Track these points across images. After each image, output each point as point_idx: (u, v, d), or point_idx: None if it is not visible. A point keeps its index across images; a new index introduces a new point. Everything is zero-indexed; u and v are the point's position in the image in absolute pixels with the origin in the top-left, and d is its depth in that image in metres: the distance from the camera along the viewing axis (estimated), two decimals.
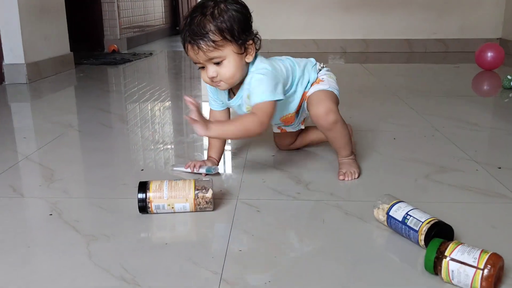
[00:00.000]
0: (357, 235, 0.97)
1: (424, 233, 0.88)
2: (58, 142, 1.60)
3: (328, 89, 1.28)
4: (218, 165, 1.33)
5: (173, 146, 1.60)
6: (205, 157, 1.36)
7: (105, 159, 1.46)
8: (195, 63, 1.16)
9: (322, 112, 1.22)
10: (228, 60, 1.13)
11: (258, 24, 3.94)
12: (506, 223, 1.01)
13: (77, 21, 3.64)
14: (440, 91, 2.43)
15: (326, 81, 1.31)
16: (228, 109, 1.34)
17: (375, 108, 2.07)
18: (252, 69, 1.19)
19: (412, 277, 0.82)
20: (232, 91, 1.26)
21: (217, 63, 1.13)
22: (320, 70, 1.34)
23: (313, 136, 1.46)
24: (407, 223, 0.91)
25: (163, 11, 5.70)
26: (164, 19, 5.74)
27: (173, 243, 0.94)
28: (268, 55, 1.28)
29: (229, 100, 1.27)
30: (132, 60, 3.60)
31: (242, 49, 1.14)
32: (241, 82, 1.20)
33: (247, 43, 1.15)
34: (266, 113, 1.14)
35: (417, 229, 0.89)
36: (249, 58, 1.17)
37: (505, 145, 1.55)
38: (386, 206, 0.97)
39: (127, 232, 0.99)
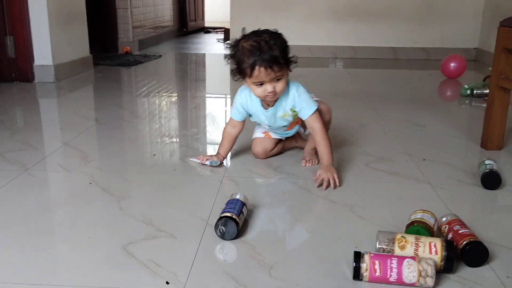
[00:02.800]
0: (303, 200, 1.41)
1: None
2: (88, 133, 2.04)
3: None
4: (224, 159, 1.67)
5: (178, 139, 2.04)
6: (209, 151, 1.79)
7: (125, 146, 1.90)
8: (256, 82, 1.47)
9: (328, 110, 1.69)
10: (284, 77, 1.48)
11: None
12: (410, 196, 1.44)
13: (95, 26, 4.07)
14: (406, 97, 2.85)
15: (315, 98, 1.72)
16: (245, 119, 1.67)
17: (346, 110, 2.49)
18: (290, 86, 1.55)
19: (337, 224, 1.26)
20: (264, 103, 1.60)
21: (277, 80, 1.47)
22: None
23: (288, 144, 1.80)
24: None
25: (171, 14, 6.13)
26: (172, 21, 6.18)
27: (177, 201, 1.38)
28: None
29: (265, 109, 1.60)
30: (143, 62, 4.04)
31: (289, 69, 1.50)
32: None
33: (290, 64, 1.50)
34: (319, 118, 1.57)
35: None
36: (288, 74, 1.52)
37: (437, 143, 1.97)
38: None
39: (146, 194, 1.43)
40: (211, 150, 1.87)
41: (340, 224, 1.28)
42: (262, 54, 1.42)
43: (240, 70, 1.50)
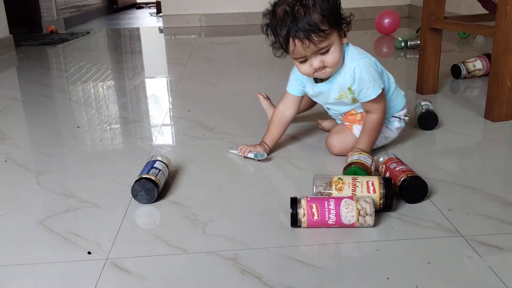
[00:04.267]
0: (239, 157, 1.33)
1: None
2: (5, 112, 1.87)
3: None
4: (269, 150, 1.32)
5: (105, 109, 1.90)
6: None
7: (46, 121, 1.75)
8: (296, 57, 1.15)
9: None
10: (334, 47, 1.13)
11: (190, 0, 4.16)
12: None
13: (14, 5, 3.78)
14: None
15: None
16: (303, 95, 1.34)
17: (282, 71, 2.41)
18: (349, 56, 1.19)
19: (275, 176, 1.19)
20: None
21: (324, 52, 1.13)
22: None
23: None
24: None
25: None
26: None
27: (102, 171, 1.27)
28: (201, 29, 1.58)
29: (316, 83, 1.25)
30: (70, 39, 3.80)
31: (342, 33, 1.15)
32: None
33: (344, 25, 1.15)
34: (383, 104, 1.21)
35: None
36: (345, 40, 1.17)
37: None
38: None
39: (68, 167, 1.31)
40: (144, 118, 1.76)
41: (277, 176, 1.22)
42: (295, 22, 1.08)
43: (280, 44, 1.16)
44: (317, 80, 1.25)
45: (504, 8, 1.41)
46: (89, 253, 0.89)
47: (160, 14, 4.68)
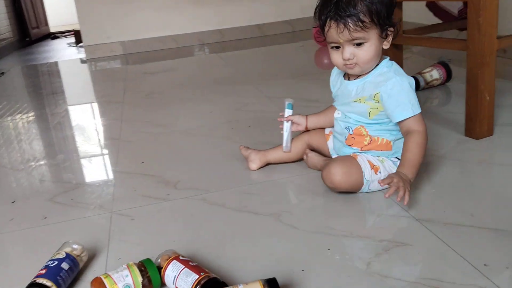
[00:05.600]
0: (217, 220, 1.14)
1: None
2: None
3: None
4: (306, 123, 1.40)
5: (42, 173, 1.63)
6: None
7: None
8: (330, 42, 1.14)
9: None
10: (370, 43, 1.11)
11: (113, 27, 4.01)
12: None
13: None
14: (288, 73, 2.69)
15: None
16: None
17: (232, 98, 2.25)
18: (387, 66, 1.16)
19: (265, 240, 1.02)
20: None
21: (358, 45, 1.11)
22: None
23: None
24: None
25: (8, 24, 5.35)
26: (11, 32, 5.40)
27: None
28: (129, 57, 1.36)
29: (345, 80, 1.23)
30: None
31: (384, 35, 1.13)
32: None
33: (389, 29, 1.13)
34: (422, 123, 1.12)
35: None
36: (386, 45, 1.15)
37: None
38: None
39: (7, 263, 1.05)
40: (90, 178, 1.52)
41: (268, 240, 1.03)
42: (337, 4, 1.08)
43: (320, 25, 1.15)
44: (347, 78, 1.22)
45: (476, 21, 1.33)
46: None
47: (81, 44, 4.35)
